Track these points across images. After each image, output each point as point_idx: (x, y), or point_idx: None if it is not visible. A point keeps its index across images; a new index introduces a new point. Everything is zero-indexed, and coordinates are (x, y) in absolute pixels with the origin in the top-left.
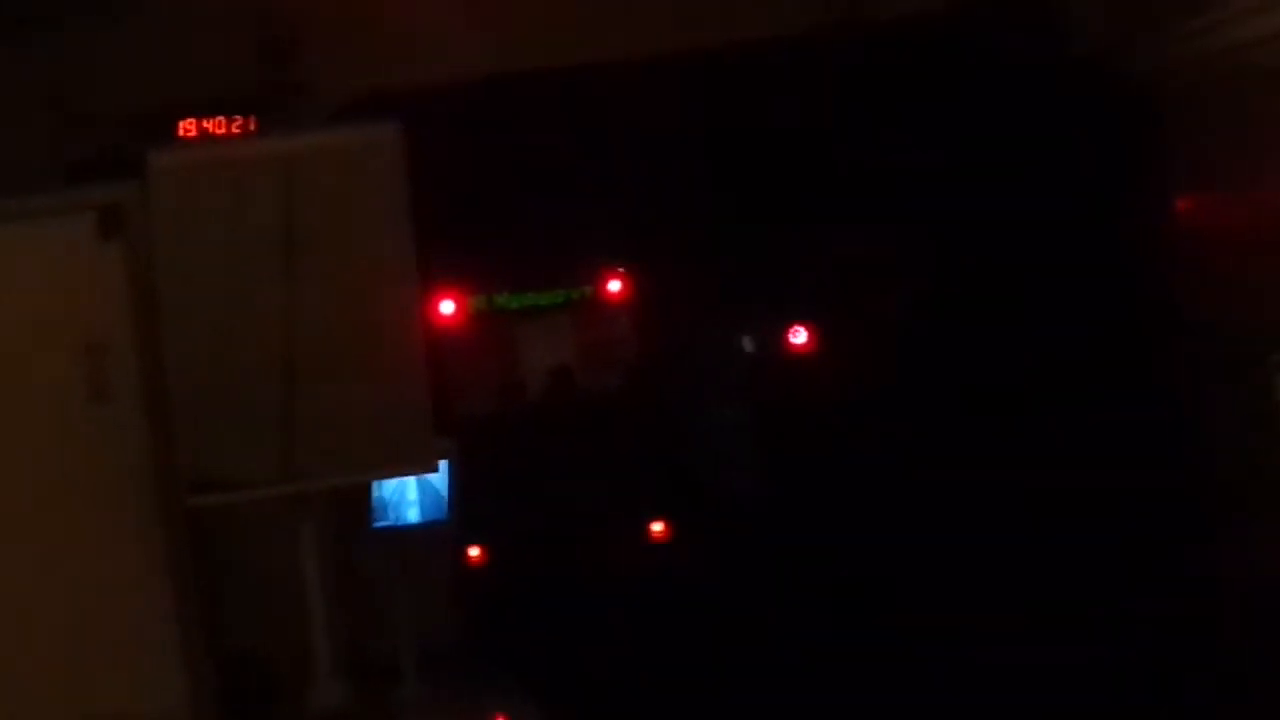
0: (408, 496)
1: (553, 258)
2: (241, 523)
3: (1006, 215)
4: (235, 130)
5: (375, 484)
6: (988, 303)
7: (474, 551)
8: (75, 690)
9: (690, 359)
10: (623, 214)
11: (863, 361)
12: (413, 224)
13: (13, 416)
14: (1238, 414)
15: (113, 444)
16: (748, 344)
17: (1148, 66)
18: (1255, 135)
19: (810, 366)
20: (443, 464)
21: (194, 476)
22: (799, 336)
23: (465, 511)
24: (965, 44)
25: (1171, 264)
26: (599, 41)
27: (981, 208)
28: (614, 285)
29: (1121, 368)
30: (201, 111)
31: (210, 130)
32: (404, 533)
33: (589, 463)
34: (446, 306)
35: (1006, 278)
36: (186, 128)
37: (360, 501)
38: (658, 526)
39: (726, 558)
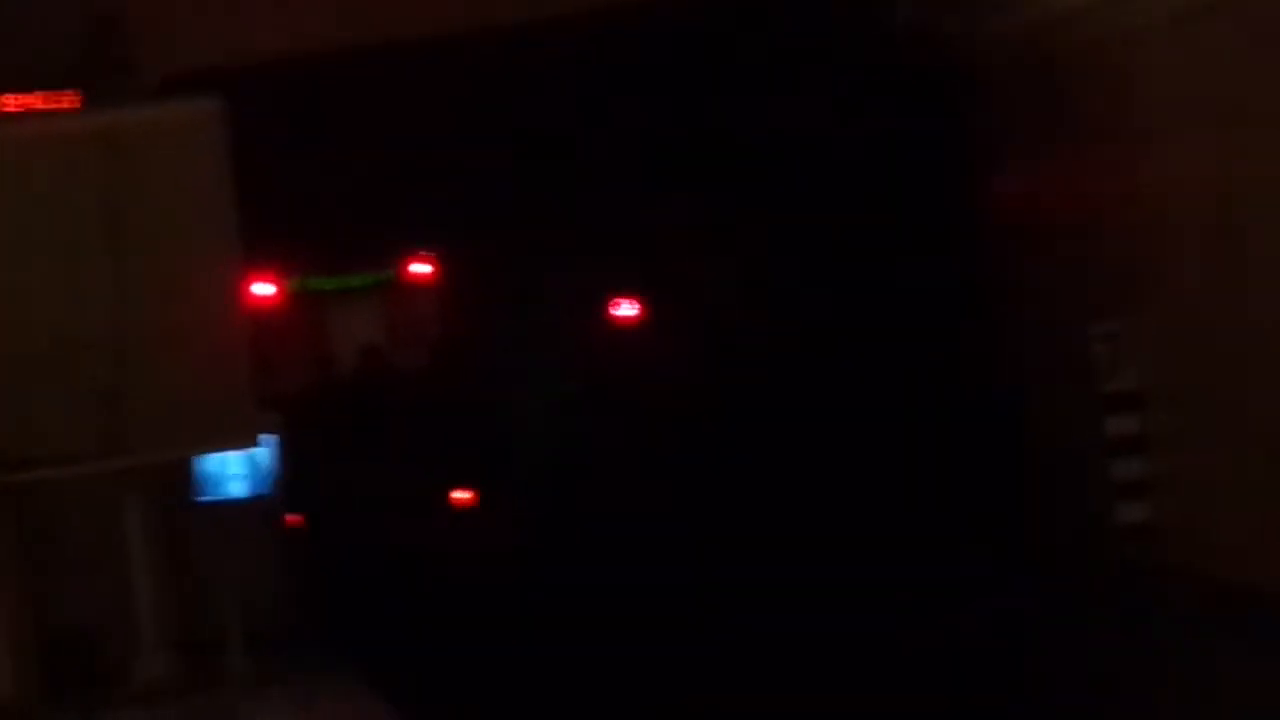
0: (232, 471)
1: (362, 241)
2: (66, 499)
3: (829, 185)
4: (59, 105)
5: (199, 459)
6: (810, 271)
7: (292, 517)
8: None
9: (501, 335)
10: (429, 197)
11: (683, 332)
12: (234, 201)
13: None
14: (1058, 383)
15: None
16: (568, 317)
17: (967, 39)
18: (1071, 107)
19: (632, 338)
20: (267, 439)
21: (15, 453)
22: (621, 309)
23: (287, 484)
24: (790, 15)
25: (993, 235)
26: (412, 18)
27: (804, 178)
28: (420, 268)
29: (940, 338)
30: (25, 86)
31: (33, 105)
32: (229, 507)
33: (398, 435)
34: (263, 288)
35: (830, 247)
36: (5, 102)
37: (184, 476)
38: (461, 494)
39: (527, 521)
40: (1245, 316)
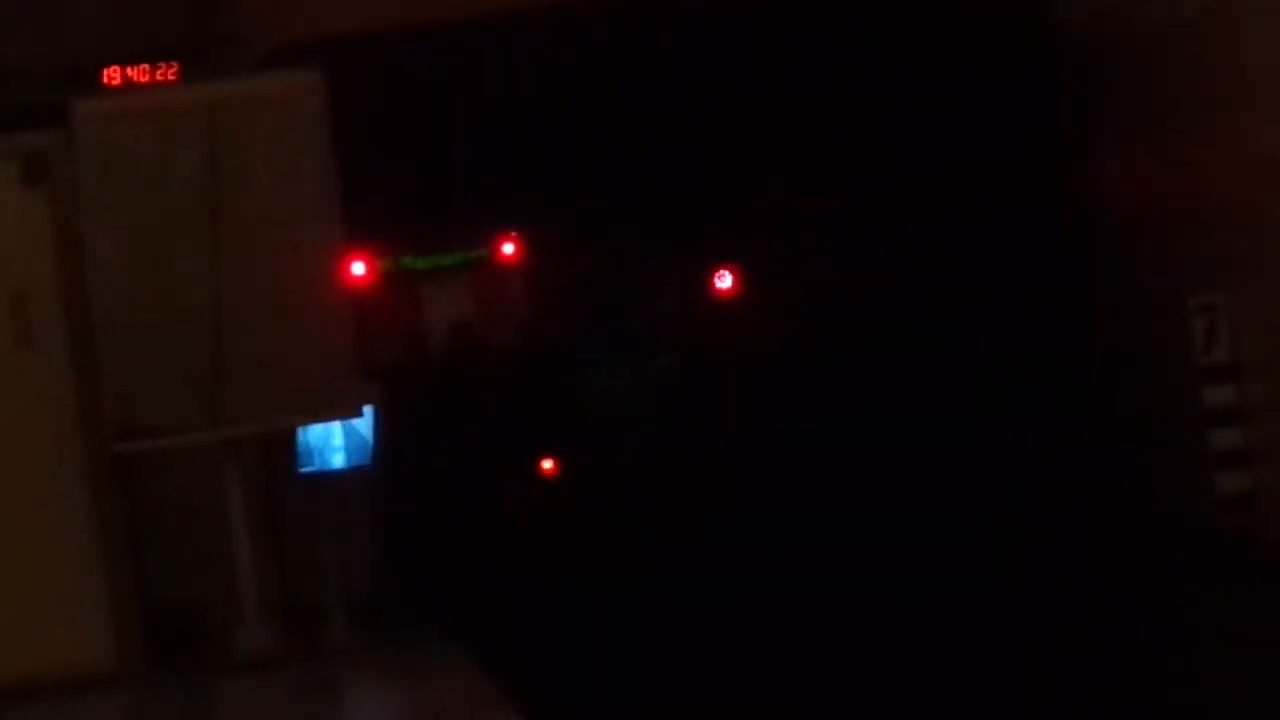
0: (333, 442)
1: (454, 222)
2: (169, 469)
3: (935, 158)
4: (160, 78)
5: (301, 430)
6: (911, 244)
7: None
8: (5, 642)
9: (589, 312)
10: (520, 178)
11: (788, 308)
12: (336, 173)
13: None
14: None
15: (38, 391)
16: (666, 295)
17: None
18: (1170, 79)
19: (733, 313)
20: (367, 410)
21: (120, 423)
22: (724, 281)
23: (385, 456)
24: None
25: (1094, 208)
26: None
27: (908, 152)
28: (508, 248)
29: (1043, 312)
30: (127, 60)
31: (135, 78)
32: (330, 478)
33: (487, 408)
34: (357, 267)
35: (933, 220)
36: (111, 76)
37: (287, 447)
38: (546, 464)
39: (609, 491)
40: None
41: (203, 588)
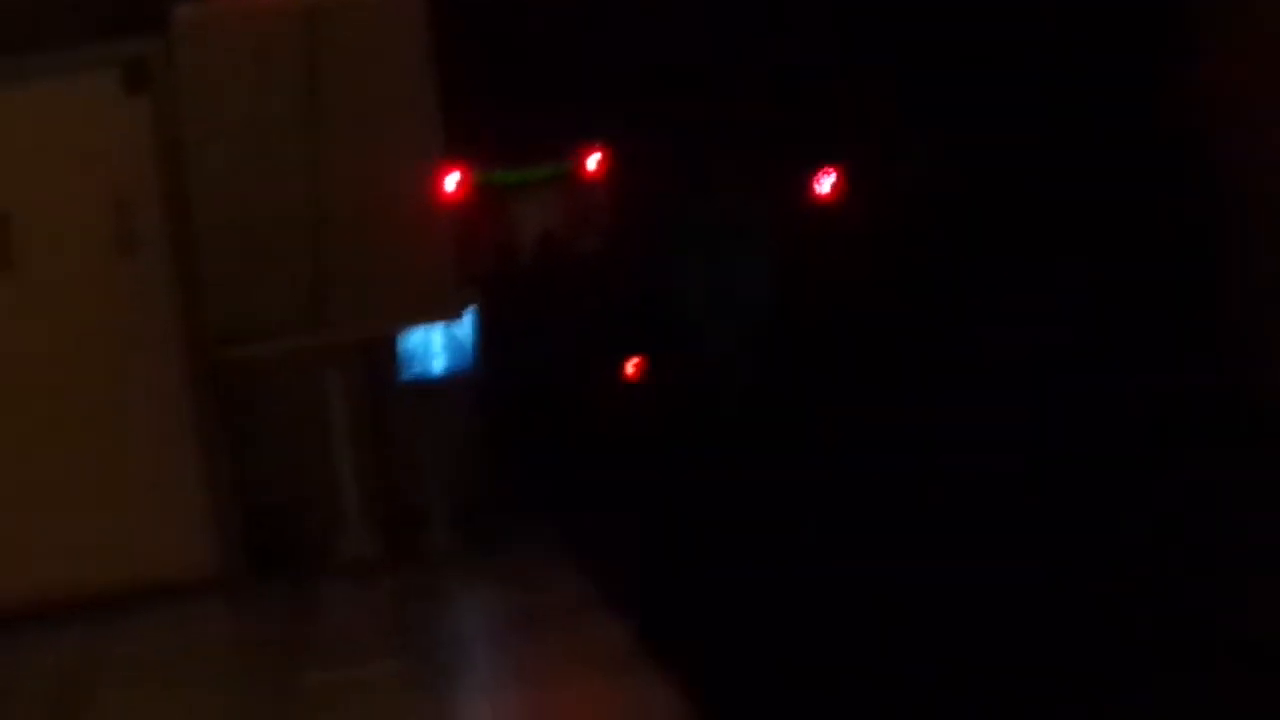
0: (434, 348)
1: (540, 136)
2: (269, 374)
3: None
4: None
5: (401, 335)
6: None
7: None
8: (107, 548)
9: (672, 221)
10: (604, 91)
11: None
12: (434, 80)
13: (44, 270)
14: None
15: (141, 297)
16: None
17: None
18: None
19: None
20: (466, 314)
21: (222, 329)
22: (822, 185)
23: (484, 359)
24: None
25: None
26: None
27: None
28: (592, 162)
29: (1150, 222)
30: None
31: None
32: (431, 382)
33: (576, 312)
34: (450, 181)
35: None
36: None
37: (388, 352)
38: (630, 365)
39: (694, 395)
40: None
41: (304, 493)
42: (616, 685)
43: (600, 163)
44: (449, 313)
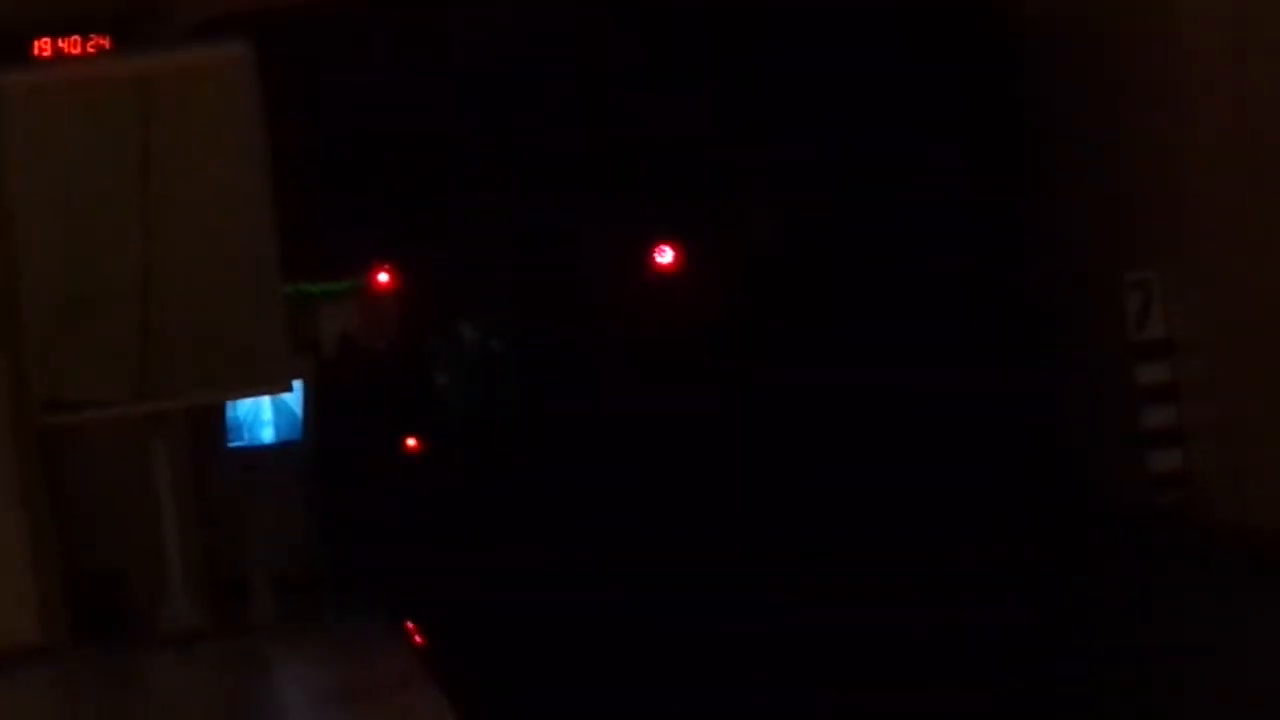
0: (263, 417)
1: (337, 255)
2: (96, 442)
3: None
4: (90, 49)
5: (230, 404)
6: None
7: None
8: None
9: (450, 328)
10: (394, 214)
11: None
12: (268, 146)
13: None
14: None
15: None
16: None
17: None
18: (1113, 51)
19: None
20: (297, 385)
21: (47, 396)
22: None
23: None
24: None
25: (1032, 185)
26: None
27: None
28: (383, 277)
29: (974, 291)
30: (56, 30)
31: (65, 49)
32: (259, 452)
33: (366, 398)
34: None
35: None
36: (42, 47)
37: (215, 421)
38: (410, 441)
39: (465, 468)
40: (1275, 263)
41: (129, 561)
42: None
43: (389, 279)
44: (281, 384)
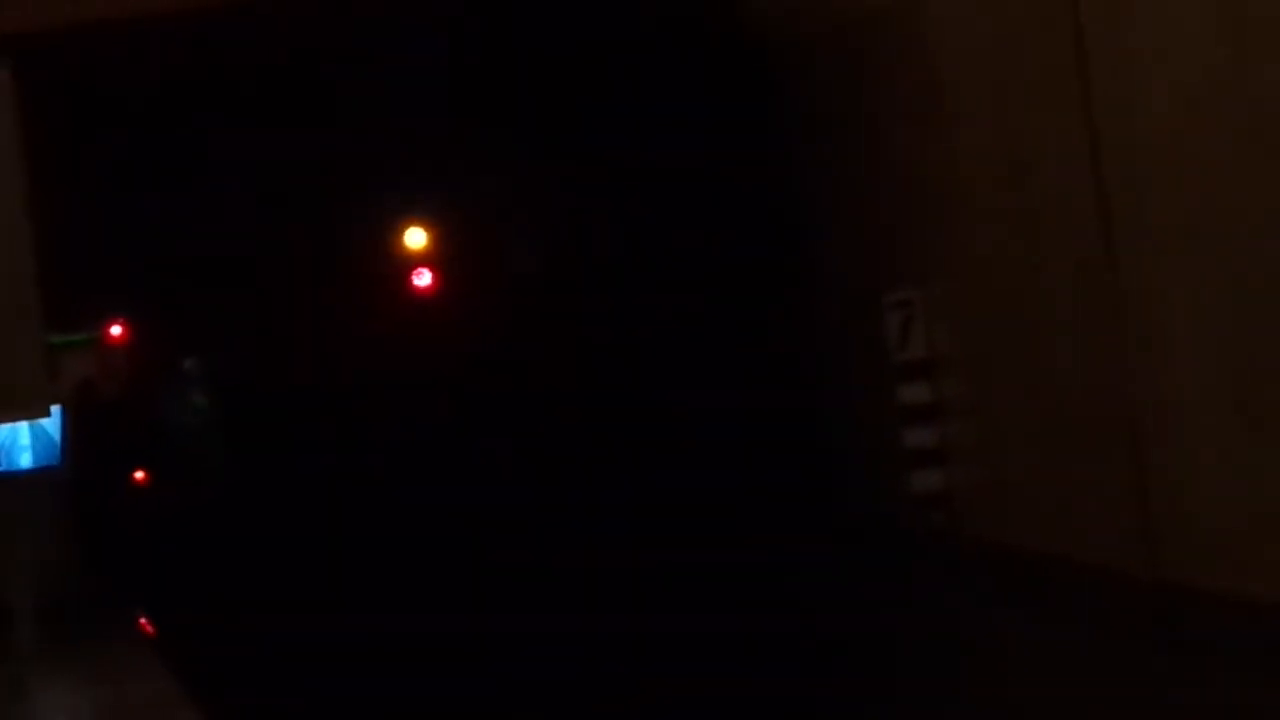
0: (20, 442)
1: (76, 310)
2: None
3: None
4: None
5: None
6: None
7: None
8: None
9: (173, 376)
10: (130, 275)
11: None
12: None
13: None
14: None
15: None
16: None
17: (766, 5)
18: (871, 74)
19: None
20: (55, 409)
21: None
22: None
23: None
24: None
25: (796, 209)
26: None
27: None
28: (115, 330)
29: (742, 308)
30: None
31: None
32: (17, 478)
33: (102, 437)
34: None
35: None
36: None
37: None
38: (139, 475)
39: (185, 496)
40: (1036, 284)
41: None
42: None
43: (122, 332)
44: (38, 410)
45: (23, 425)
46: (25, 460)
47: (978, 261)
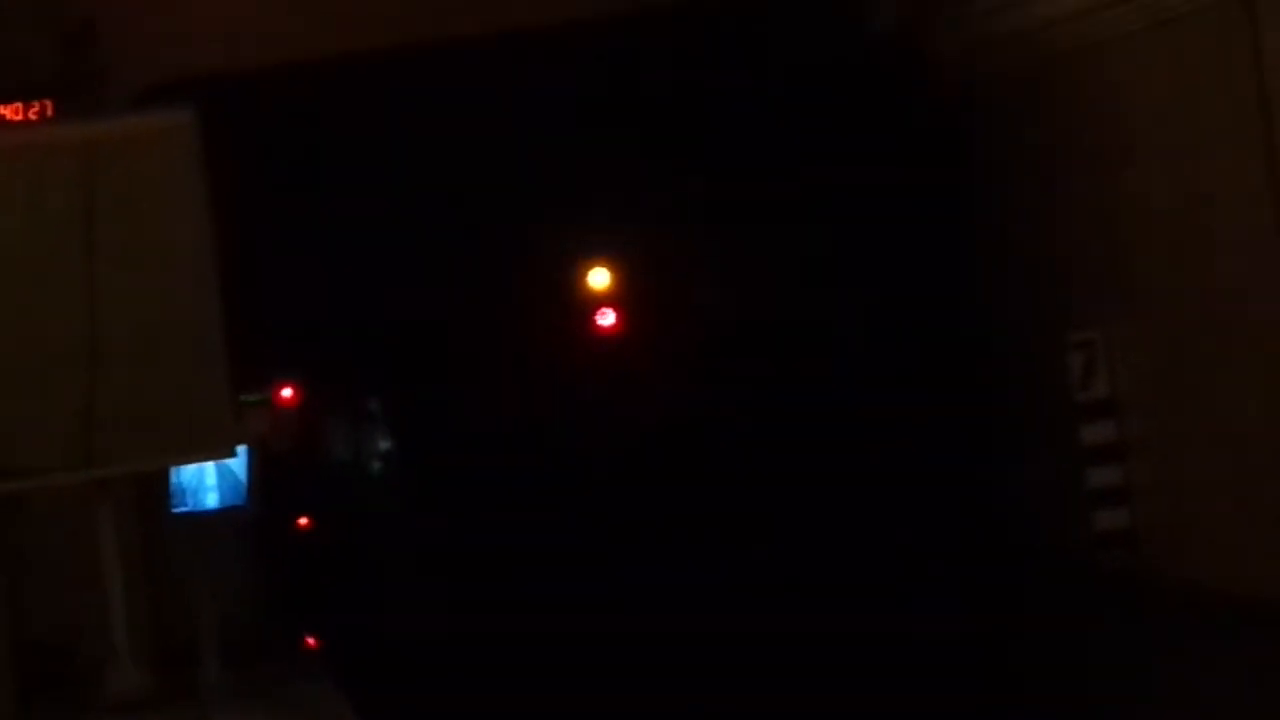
0: (206, 482)
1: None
2: (42, 510)
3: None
4: (34, 116)
5: (174, 469)
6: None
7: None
8: None
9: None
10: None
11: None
12: (212, 211)
13: None
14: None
15: None
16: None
17: (948, 46)
18: (1051, 118)
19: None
20: (241, 450)
21: None
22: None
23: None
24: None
25: (978, 247)
26: None
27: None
28: (286, 392)
29: (922, 350)
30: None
31: (7, 116)
32: (204, 517)
33: (274, 484)
34: None
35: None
36: None
37: (160, 487)
38: (302, 520)
39: (350, 541)
40: (1214, 323)
41: (76, 628)
42: None
43: (292, 394)
44: (224, 450)
45: (209, 466)
46: (211, 500)
47: (1160, 301)
